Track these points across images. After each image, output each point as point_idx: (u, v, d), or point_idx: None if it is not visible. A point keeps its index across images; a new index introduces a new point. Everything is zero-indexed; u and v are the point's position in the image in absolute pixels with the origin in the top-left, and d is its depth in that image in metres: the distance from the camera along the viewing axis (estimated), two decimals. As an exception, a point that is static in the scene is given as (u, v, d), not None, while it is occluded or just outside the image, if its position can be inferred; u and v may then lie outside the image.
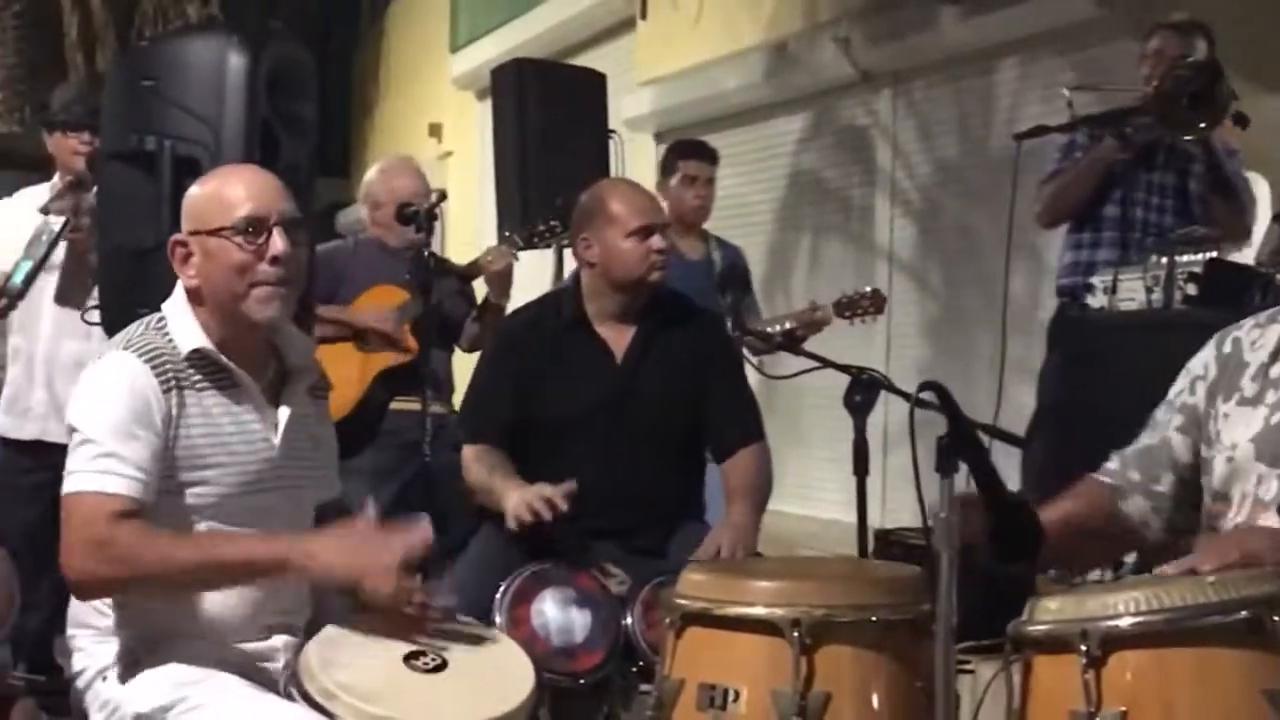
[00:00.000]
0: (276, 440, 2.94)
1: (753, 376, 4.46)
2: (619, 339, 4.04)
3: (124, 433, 2.74)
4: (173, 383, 2.82)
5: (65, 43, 12.30)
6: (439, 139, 11.44)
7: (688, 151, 6.20)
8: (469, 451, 4.02)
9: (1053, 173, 5.14)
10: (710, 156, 6.17)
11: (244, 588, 2.86)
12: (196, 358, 2.86)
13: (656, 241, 3.97)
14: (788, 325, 5.59)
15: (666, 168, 6.18)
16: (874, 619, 2.77)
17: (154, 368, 2.81)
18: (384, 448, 5.26)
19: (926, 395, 2.58)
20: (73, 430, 2.81)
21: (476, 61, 10.47)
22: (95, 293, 4.41)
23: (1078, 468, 3.05)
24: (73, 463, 2.77)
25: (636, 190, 4.13)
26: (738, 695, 2.74)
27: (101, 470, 2.73)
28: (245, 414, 2.90)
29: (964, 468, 2.57)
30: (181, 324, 2.88)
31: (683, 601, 2.86)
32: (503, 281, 5.42)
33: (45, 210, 4.54)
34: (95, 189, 4.42)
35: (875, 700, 2.74)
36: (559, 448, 3.96)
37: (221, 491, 2.86)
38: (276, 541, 2.81)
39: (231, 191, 2.88)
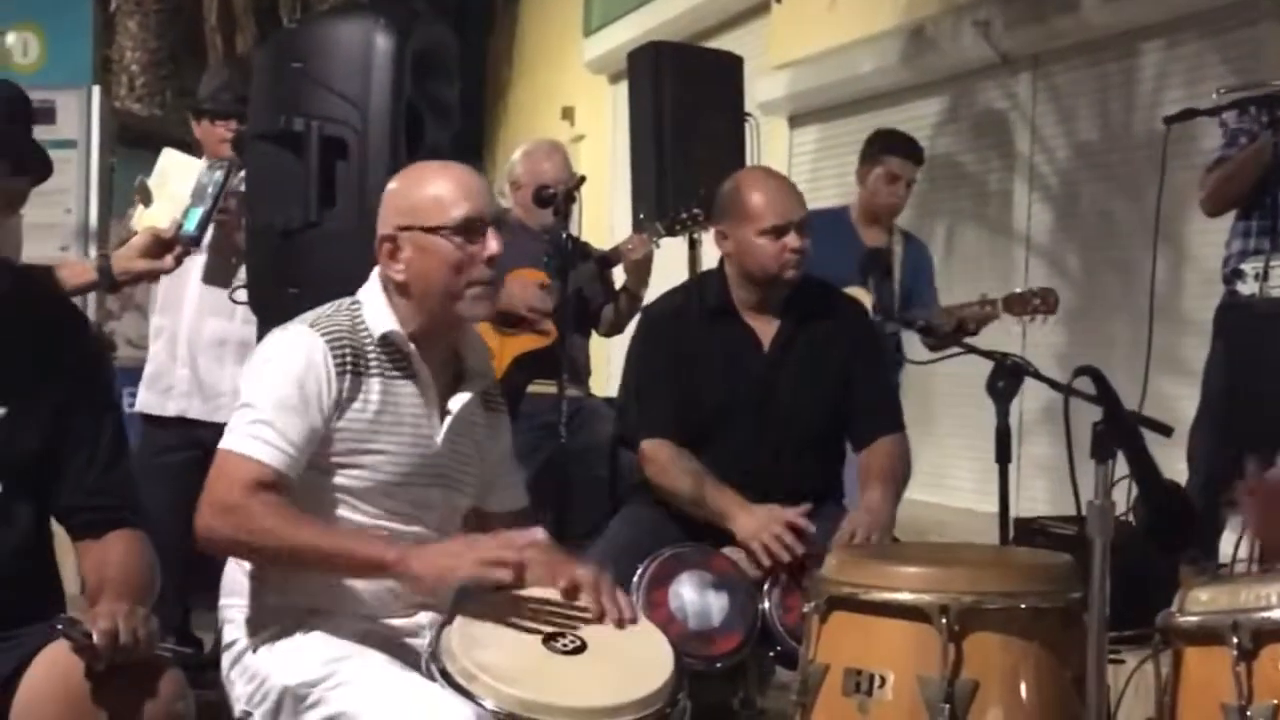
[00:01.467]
0: (439, 437, 2.97)
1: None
2: (765, 327, 4.01)
3: (286, 406, 2.79)
4: (348, 366, 2.86)
5: (205, 27, 12.49)
6: (571, 122, 11.46)
7: (896, 147, 5.97)
8: (652, 448, 3.95)
9: (1217, 159, 5.02)
10: (917, 158, 6.00)
11: None
12: (385, 342, 2.91)
13: (792, 240, 3.91)
14: (957, 321, 5.51)
15: (868, 155, 5.97)
16: (1023, 606, 2.74)
17: (334, 349, 2.86)
18: (520, 430, 5.22)
19: (1081, 381, 2.54)
20: (242, 390, 2.87)
21: (610, 45, 10.47)
22: (241, 273, 4.49)
23: (1238, 457, 2.99)
24: (231, 422, 2.84)
25: (776, 184, 4.05)
26: (884, 681, 2.73)
27: (254, 435, 2.79)
28: (415, 406, 2.95)
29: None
30: (376, 309, 2.93)
31: (828, 586, 2.85)
32: (642, 270, 5.42)
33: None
34: (243, 171, 4.49)
35: (1024, 689, 2.72)
36: (705, 434, 3.94)
37: (379, 478, 2.90)
38: (395, 545, 2.81)
39: (448, 190, 2.91)
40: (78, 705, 2.48)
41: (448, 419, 2.99)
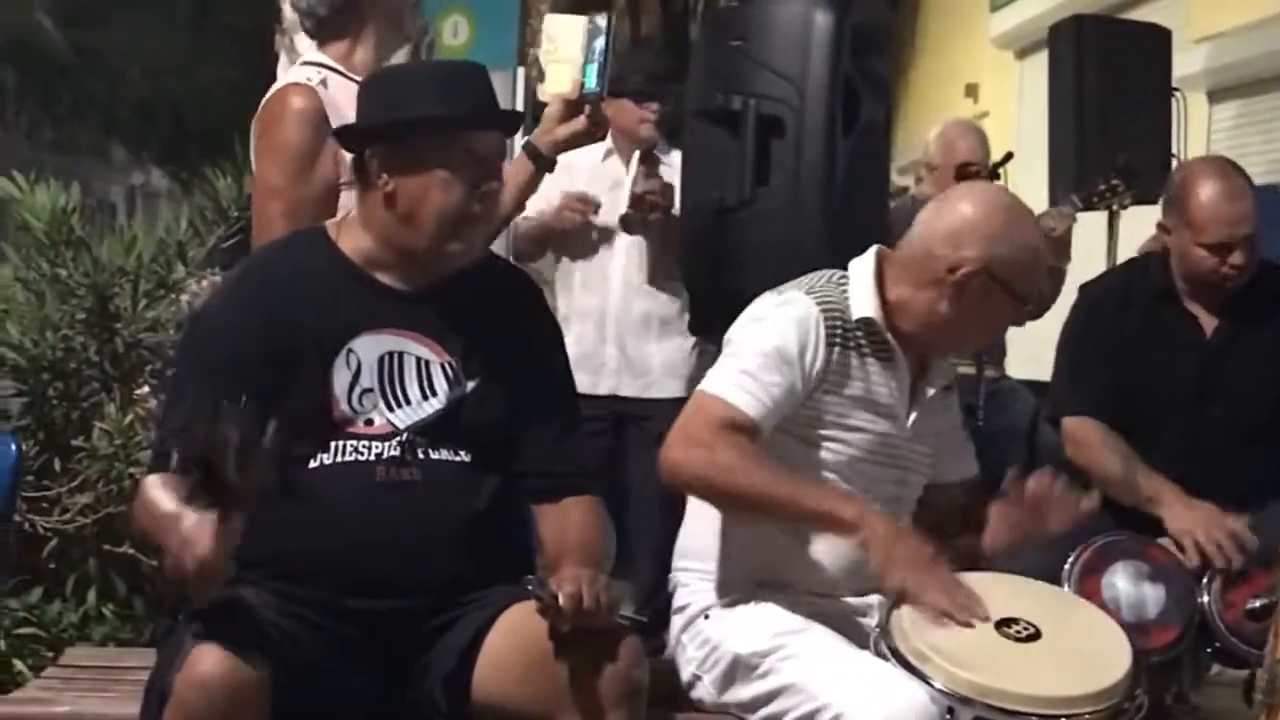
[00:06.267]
0: (908, 423, 2.99)
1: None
2: (1209, 314, 3.86)
3: (770, 363, 2.83)
4: (838, 339, 2.90)
5: (613, 11, 12.76)
6: (975, 100, 11.28)
7: None
8: (1077, 427, 3.88)
9: None
10: None
11: (850, 546, 2.87)
12: (864, 324, 2.93)
13: (1235, 258, 3.75)
14: None
15: None
16: None
17: (827, 319, 2.89)
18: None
19: None
20: (728, 342, 2.93)
21: (1019, 19, 10.27)
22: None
23: None
24: (716, 368, 2.90)
25: (1228, 191, 3.77)
26: (1363, 683, 2.59)
27: (734, 383, 2.83)
28: (890, 389, 2.96)
29: None
30: (864, 293, 2.95)
31: (1299, 582, 2.72)
32: (1061, 247, 5.28)
33: (635, 193, 4.77)
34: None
35: None
36: (1145, 422, 3.82)
37: (852, 454, 2.93)
38: (855, 506, 2.82)
39: (1039, 269, 3.01)
40: (540, 663, 2.60)
41: (917, 406, 3.01)
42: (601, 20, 3.55)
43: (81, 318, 4.55)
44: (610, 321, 4.98)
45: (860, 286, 2.95)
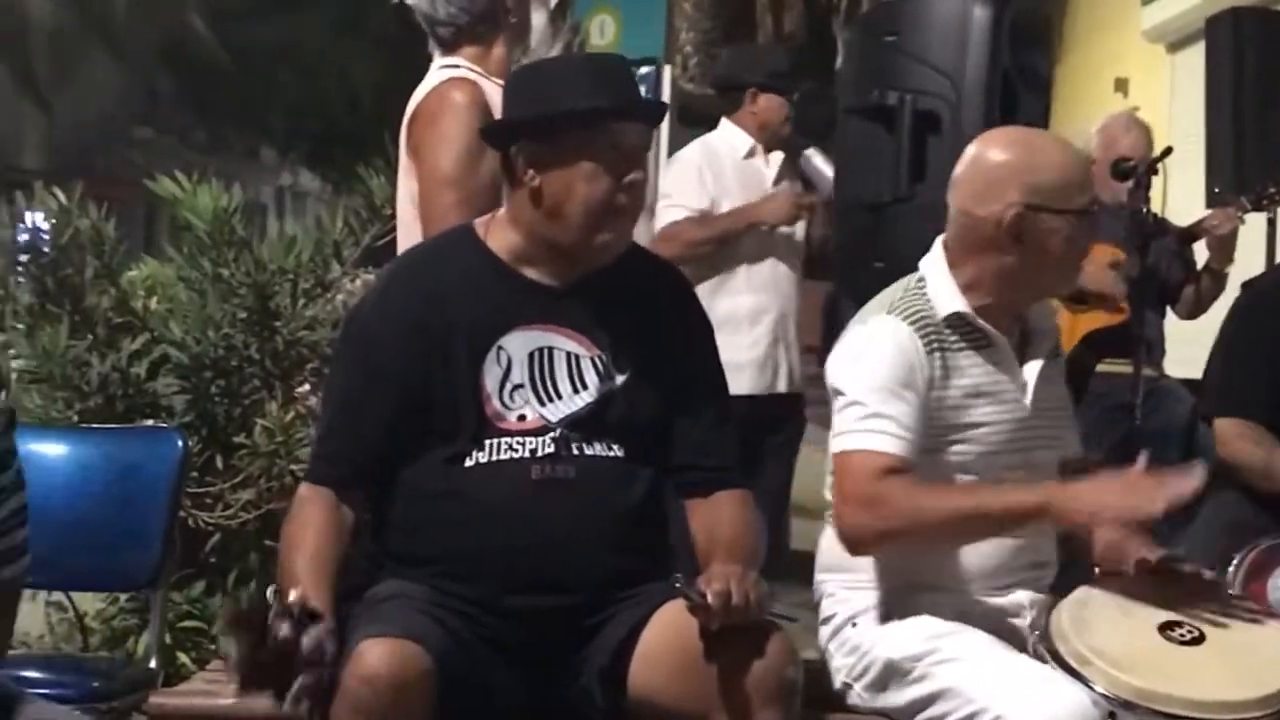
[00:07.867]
0: (1027, 400, 2.93)
1: None
2: None
3: (889, 394, 2.79)
4: (935, 344, 2.86)
5: (756, 7, 12.77)
6: (1125, 94, 11.08)
7: None
8: (1230, 426, 3.84)
9: None
10: None
11: (997, 541, 2.87)
12: (955, 319, 2.88)
13: None
14: None
15: None
16: None
17: (918, 330, 2.85)
18: (1091, 410, 5.12)
19: None
20: (837, 393, 2.88)
21: (1171, 12, 10.07)
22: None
23: None
24: (841, 423, 2.85)
25: None
26: None
27: (869, 429, 2.79)
28: (999, 373, 2.91)
29: None
30: (940, 286, 2.90)
31: None
32: (1226, 246, 5.19)
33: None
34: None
35: None
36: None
37: (980, 449, 2.88)
38: (1037, 488, 2.80)
39: (1077, 171, 2.91)
40: (692, 661, 2.59)
41: (1031, 379, 2.94)
42: (649, 67, 3.60)
43: (243, 316, 4.62)
44: (783, 322, 5.06)
45: (938, 282, 2.90)
